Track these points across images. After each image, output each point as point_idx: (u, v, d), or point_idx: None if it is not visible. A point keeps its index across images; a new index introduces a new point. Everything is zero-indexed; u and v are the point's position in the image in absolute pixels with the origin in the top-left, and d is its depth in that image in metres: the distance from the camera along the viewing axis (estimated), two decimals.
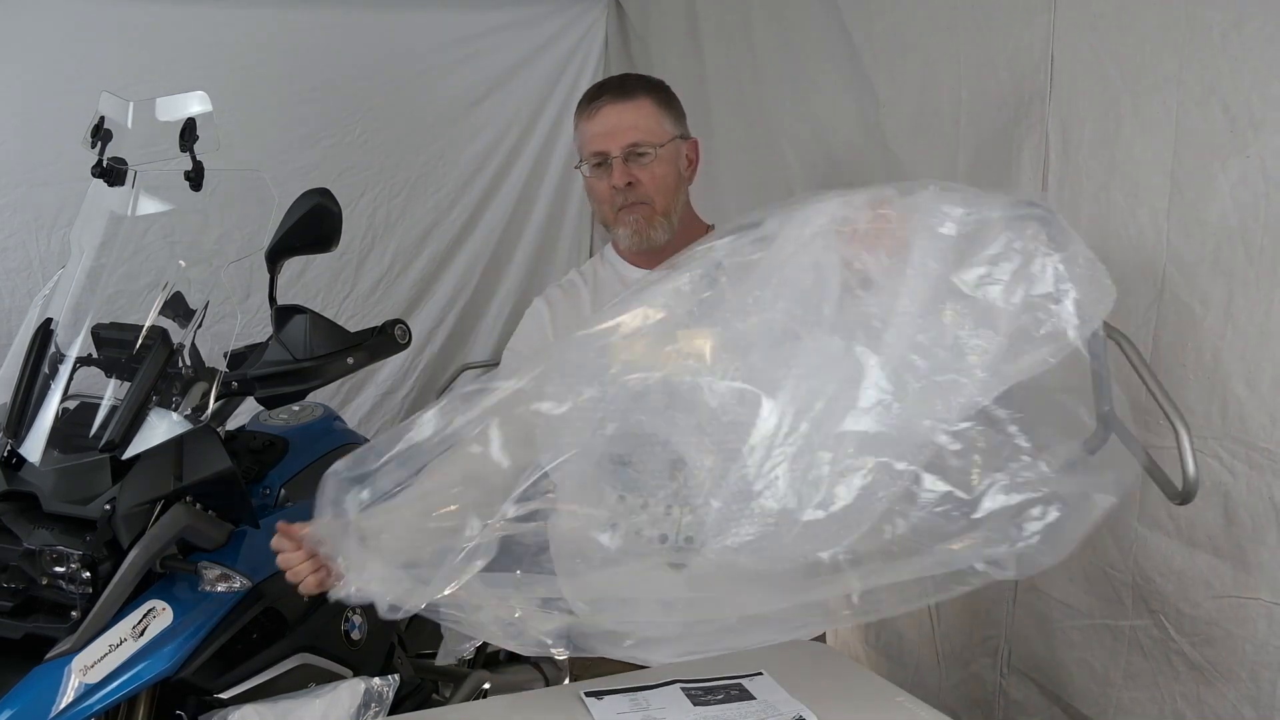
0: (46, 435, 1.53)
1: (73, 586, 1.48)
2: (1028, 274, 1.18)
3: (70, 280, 1.66)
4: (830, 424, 1.15)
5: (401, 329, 1.70)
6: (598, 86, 1.75)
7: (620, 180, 1.66)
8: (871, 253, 1.19)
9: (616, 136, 1.67)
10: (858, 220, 1.21)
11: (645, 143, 1.67)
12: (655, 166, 1.68)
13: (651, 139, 1.68)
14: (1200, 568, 1.59)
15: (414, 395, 3.25)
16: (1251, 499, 1.50)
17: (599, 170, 1.70)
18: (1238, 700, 1.55)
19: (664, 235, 1.72)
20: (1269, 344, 1.46)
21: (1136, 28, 1.59)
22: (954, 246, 1.19)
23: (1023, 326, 1.18)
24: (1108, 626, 1.77)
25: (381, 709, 1.59)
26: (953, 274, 1.18)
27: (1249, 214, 1.46)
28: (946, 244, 1.19)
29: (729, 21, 2.66)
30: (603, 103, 1.69)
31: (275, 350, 1.62)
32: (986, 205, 1.22)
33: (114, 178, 1.63)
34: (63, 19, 2.55)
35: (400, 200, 3.10)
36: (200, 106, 1.61)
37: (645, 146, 1.67)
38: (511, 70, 3.18)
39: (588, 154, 1.71)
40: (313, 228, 1.66)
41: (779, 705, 1.41)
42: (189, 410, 1.53)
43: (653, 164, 1.68)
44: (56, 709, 1.40)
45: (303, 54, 2.87)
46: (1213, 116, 1.49)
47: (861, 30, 2.17)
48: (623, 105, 1.68)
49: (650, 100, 1.71)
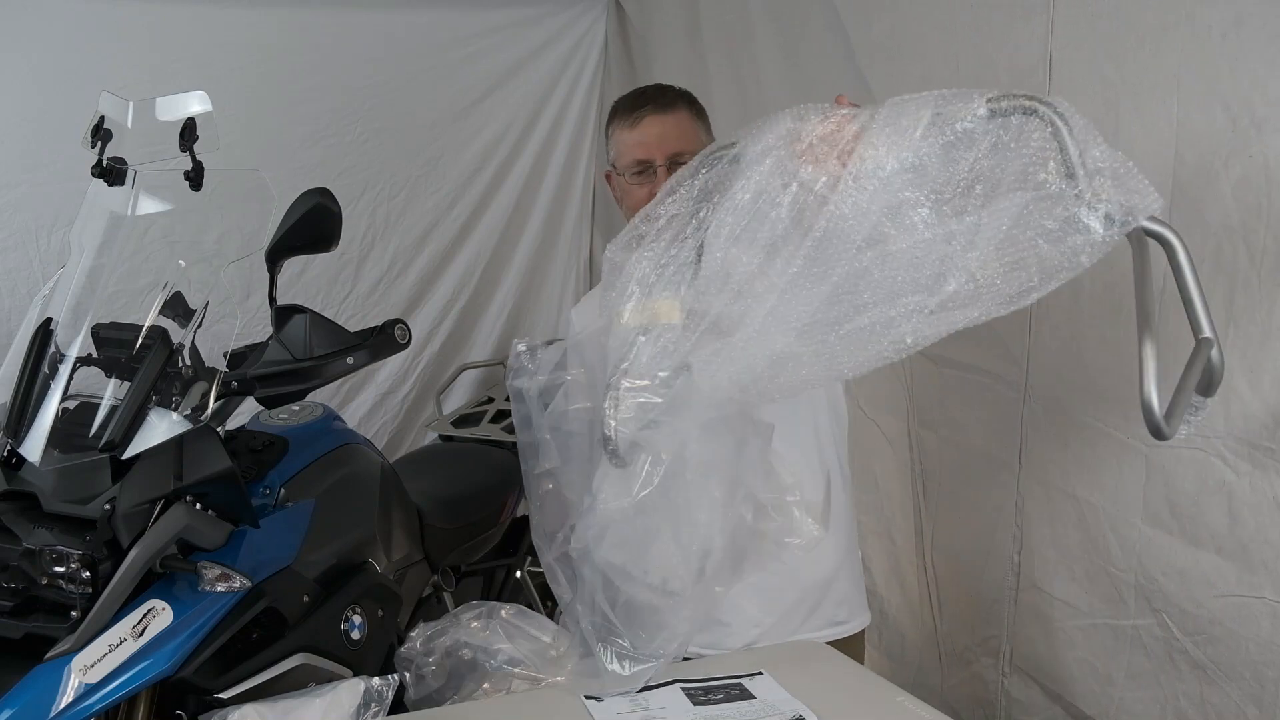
0: (46, 435, 1.53)
1: (73, 586, 1.47)
2: (1028, 176, 1.09)
3: (70, 280, 1.65)
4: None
5: (401, 329, 1.70)
6: (638, 95, 1.81)
7: None
8: (820, 165, 1.17)
9: (661, 146, 1.73)
10: (807, 132, 1.19)
11: (687, 152, 1.70)
12: None
13: (692, 148, 1.72)
14: (1203, 567, 1.59)
15: (414, 395, 3.25)
16: (1255, 498, 1.50)
17: (640, 178, 1.74)
18: (1241, 699, 1.55)
19: None
20: (1271, 344, 1.46)
21: (1136, 27, 1.59)
22: (915, 164, 1.13)
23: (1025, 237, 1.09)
24: (1109, 626, 1.77)
25: (381, 709, 1.58)
26: (907, 193, 1.12)
27: (1251, 214, 1.46)
28: (902, 158, 1.13)
29: (729, 22, 2.66)
30: (646, 113, 1.75)
31: (275, 350, 1.62)
32: (965, 99, 1.15)
33: (114, 177, 1.63)
34: (63, 19, 2.55)
35: (400, 200, 3.10)
36: (200, 106, 1.61)
37: (686, 155, 1.70)
38: (512, 70, 3.18)
39: (629, 161, 1.75)
40: (312, 227, 1.66)
41: (779, 705, 1.40)
42: (189, 410, 1.52)
43: None
44: (56, 709, 1.39)
45: (303, 54, 2.87)
46: (1213, 116, 1.49)
47: (860, 30, 2.17)
48: (664, 116, 1.75)
49: (688, 112, 1.79)
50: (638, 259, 1.29)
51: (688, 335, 1.25)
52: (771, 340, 1.19)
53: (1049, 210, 1.08)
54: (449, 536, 2.20)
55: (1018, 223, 1.09)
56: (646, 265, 1.28)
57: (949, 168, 1.13)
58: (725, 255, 1.22)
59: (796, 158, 1.19)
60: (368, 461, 2.01)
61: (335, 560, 1.78)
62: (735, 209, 1.22)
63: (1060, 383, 1.82)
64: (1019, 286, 1.11)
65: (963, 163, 1.13)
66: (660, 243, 1.28)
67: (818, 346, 1.18)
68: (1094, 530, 1.77)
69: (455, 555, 2.25)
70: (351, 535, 1.85)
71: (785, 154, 1.20)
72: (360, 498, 1.93)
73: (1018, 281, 1.10)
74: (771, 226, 1.19)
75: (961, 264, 1.11)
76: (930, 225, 1.12)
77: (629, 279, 1.29)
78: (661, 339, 1.27)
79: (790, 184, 1.19)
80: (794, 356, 1.20)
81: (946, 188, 1.13)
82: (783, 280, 1.17)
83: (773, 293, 1.18)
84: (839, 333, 1.16)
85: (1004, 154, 1.12)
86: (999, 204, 1.10)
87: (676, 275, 1.26)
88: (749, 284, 1.21)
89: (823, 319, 1.17)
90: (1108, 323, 1.70)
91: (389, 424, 3.23)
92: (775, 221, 1.19)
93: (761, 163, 1.21)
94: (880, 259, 1.14)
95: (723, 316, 1.23)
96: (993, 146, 1.13)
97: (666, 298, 1.26)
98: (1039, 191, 1.09)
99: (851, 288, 1.15)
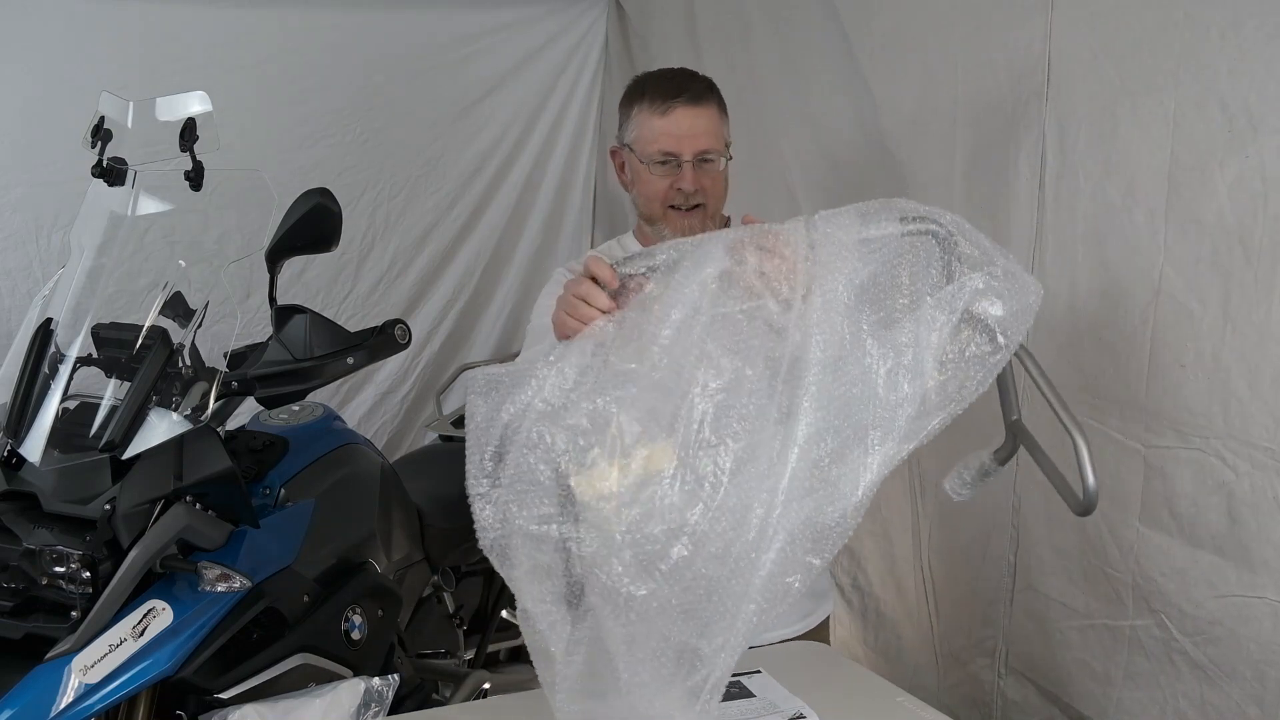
0: (46, 435, 1.53)
1: (73, 586, 1.48)
2: (946, 302, 1.15)
3: (70, 280, 1.65)
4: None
5: (401, 329, 1.70)
6: (670, 80, 1.73)
7: (692, 185, 1.69)
8: (772, 295, 1.17)
9: (691, 141, 1.68)
10: (742, 270, 1.18)
11: (714, 150, 1.70)
12: (715, 173, 1.71)
13: (718, 146, 1.71)
14: (1203, 567, 1.59)
15: (414, 395, 3.25)
16: (1255, 498, 1.50)
17: (662, 169, 1.70)
18: (1242, 700, 1.55)
19: None
20: (1268, 344, 1.46)
21: (1134, 27, 1.60)
22: (860, 285, 1.16)
23: (949, 358, 1.16)
24: (1107, 626, 1.77)
25: (381, 709, 1.59)
26: (861, 316, 1.15)
27: (1247, 214, 1.47)
28: (851, 282, 1.15)
29: (728, 22, 2.66)
30: (679, 104, 1.68)
31: (275, 350, 1.62)
32: (881, 222, 1.18)
33: (114, 177, 1.63)
34: (63, 19, 2.55)
35: (400, 200, 3.10)
36: (200, 106, 1.61)
37: (713, 154, 1.70)
38: (512, 70, 3.18)
39: (654, 150, 1.69)
40: (312, 227, 1.66)
41: (779, 703, 1.41)
42: (189, 410, 1.53)
43: (714, 171, 1.71)
44: (56, 709, 1.40)
45: (303, 53, 2.87)
46: (1210, 116, 1.49)
47: (860, 31, 2.17)
48: (696, 110, 1.69)
49: (716, 107, 1.73)
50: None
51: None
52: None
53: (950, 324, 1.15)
54: (449, 536, 2.20)
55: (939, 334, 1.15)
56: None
57: (887, 286, 1.17)
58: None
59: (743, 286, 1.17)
60: (368, 461, 2.01)
61: (335, 560, 1.78)
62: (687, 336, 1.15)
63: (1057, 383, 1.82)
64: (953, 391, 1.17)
65: (900, 278, 1.17)
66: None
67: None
68: (1091, 531, 1.77)
69: (455, 555, 2.25)
70: (351, 535, 1.85)
71: (722, 285, 1.17)
72: (360, 498, 1.93)
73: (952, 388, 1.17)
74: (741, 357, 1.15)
75: (918, 380, 1.15)
76: (882, 344, 1.15)
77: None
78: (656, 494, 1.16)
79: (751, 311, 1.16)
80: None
81: (884, 305, 1.17)
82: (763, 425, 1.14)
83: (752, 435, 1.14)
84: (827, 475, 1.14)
85: (916, 270, 1.17)
86: (921, 314, 1.15)
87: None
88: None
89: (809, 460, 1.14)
90: (1105, 324, 1.71)
91: (389, 424, 3.23)
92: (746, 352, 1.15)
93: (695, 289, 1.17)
94: (847, 384, 1.14)
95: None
96: (909, 262, 1.17)
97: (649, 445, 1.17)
98: (939, 309, 1.15)
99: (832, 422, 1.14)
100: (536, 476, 1.15)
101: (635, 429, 1.14)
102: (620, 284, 1.23)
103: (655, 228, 1.74)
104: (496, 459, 1.18)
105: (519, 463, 1.15)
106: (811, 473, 1.13)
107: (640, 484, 1.13)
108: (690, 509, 1.12)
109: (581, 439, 1.14)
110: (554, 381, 1.19)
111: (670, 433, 1.14)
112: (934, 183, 2.04)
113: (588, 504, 1.14)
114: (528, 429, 1.16)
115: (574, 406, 1.16)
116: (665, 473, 1.13)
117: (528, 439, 1.16)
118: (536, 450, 1.15)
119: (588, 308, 1.23)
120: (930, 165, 2.05)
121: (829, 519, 1.13)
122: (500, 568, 1.18)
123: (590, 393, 1.17)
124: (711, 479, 1.12)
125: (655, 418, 1.15)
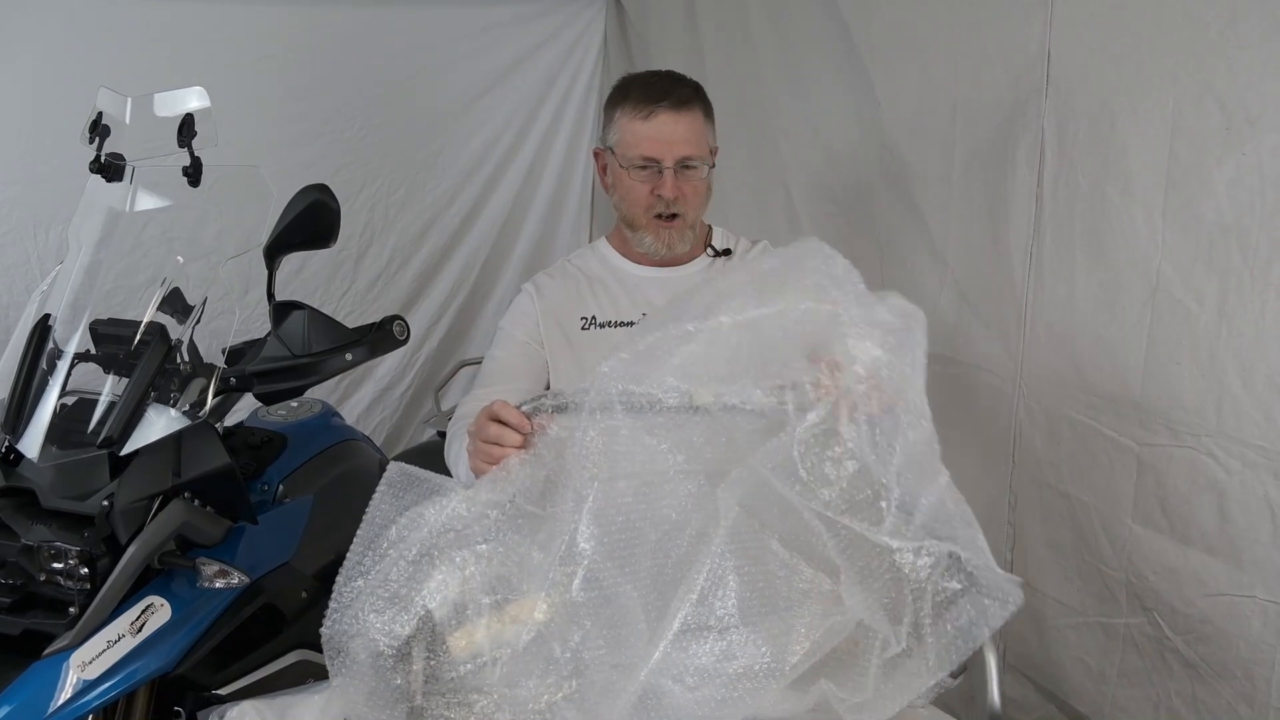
0: (44, 431, 1.52)
1: (71, 582, 1.48)
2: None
3: (68, 276, 1.65)
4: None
5: (400, 325, 1.69)
6: (653, 85, 1.70)
7: (672, 193, 1.67)
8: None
9: (672, 147, 1.66)
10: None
11: (696, 156, 1.68)
12: (697, 180, 1.69)
13: (700, 153, 1.69)
14: (1194, 565, 1.59)
15: (412, 391, 3.25)
16: (1246, 497, 1.51)
17: (642, 174, 1.68)
18: (1233, 698, 1.55)
19: (686, 245, 1.74)
20: (1264, 342, 1.46)
21: (1133, 26, 1.60)
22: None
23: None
24: (1102, 624, 1.77)
25: None
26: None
27: (1244, 211, 1.47)
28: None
29: (728, 19, 2.66)
30: (662, 109, 1.66)
31: (273, 346, 1.62)
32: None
33: (112, 173, 1.63)
34: (63, 17, 2.55)
35: (399, 196, 3.10)
36: (198, 102, 1.61)
37: (695, 160, 1.68)
38: (510, 67, 3.18)
39: (635, 155, 1.68)
40: (311, 223, 1.66)
41: None
42: (187, 406, 1.53)
43: (696, 178, 1.69)
44: (54, 705, 1.40)
45: (302, 50, 2.87)
46: (1208, 114, 1.50)
47: (860, 29, 2.18)
48: (679, 115, 1.66)
49: (700, 112, 1.70)
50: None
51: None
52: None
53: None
54: None
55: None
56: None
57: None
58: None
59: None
60: (366, 458, 2.02)
61: (334, 556, 1.76)
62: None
63: (1053, 381, 1.82)
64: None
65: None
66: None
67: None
68: (1086, 528, 1.78)
69: None
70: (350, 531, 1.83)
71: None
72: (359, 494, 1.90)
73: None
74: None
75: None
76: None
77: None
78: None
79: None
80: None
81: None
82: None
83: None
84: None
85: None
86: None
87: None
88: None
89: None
90: (1102, 321, 1.71)
91: (387, 420, 3.23)
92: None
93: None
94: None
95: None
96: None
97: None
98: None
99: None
100: (403, 593, 1.19)
101: (508, 581, 1.18)
102: (531, 422, 1.26)
103: (636, 235, 1.73)
104: (377, 558, 1.23)
105: (390, 573, 1.21)
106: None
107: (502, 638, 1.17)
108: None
109: (458, 587, 1.20)
110: (460, 510, 1.24)
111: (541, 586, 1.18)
112: (933, 181, 2.04)
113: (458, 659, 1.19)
114: (417, 542, 1.22)
115: (465, 542, 1.21)
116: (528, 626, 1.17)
117: (410, 554, 1.21)
118: (417, 565, 1.20)
119: (500, 449, 1.27)
120: (929, 162, 2.05)
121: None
122: (330, 661, 1.20)
123: (486, 533, 1.22)
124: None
125: (529, 569, 1.19)
